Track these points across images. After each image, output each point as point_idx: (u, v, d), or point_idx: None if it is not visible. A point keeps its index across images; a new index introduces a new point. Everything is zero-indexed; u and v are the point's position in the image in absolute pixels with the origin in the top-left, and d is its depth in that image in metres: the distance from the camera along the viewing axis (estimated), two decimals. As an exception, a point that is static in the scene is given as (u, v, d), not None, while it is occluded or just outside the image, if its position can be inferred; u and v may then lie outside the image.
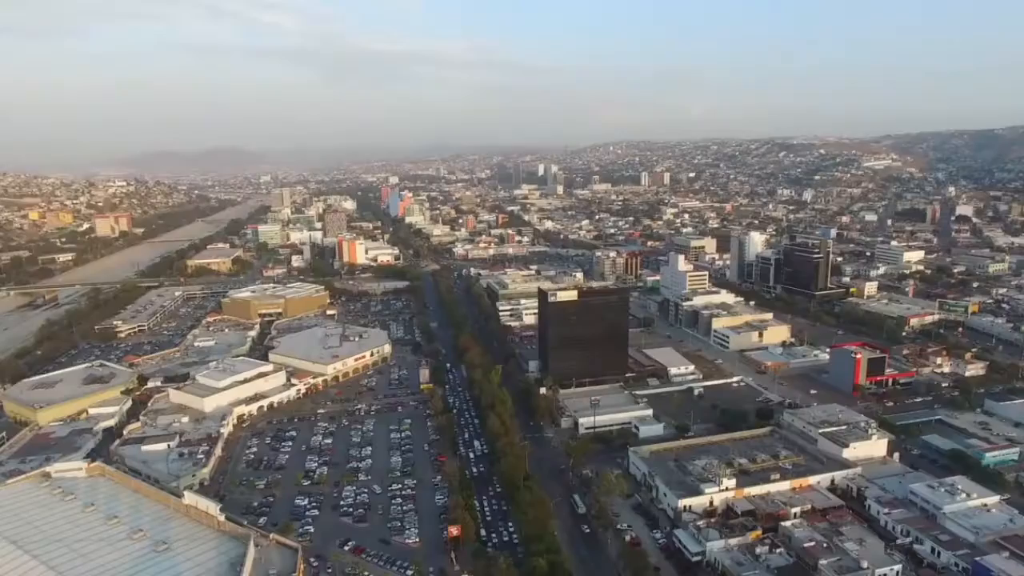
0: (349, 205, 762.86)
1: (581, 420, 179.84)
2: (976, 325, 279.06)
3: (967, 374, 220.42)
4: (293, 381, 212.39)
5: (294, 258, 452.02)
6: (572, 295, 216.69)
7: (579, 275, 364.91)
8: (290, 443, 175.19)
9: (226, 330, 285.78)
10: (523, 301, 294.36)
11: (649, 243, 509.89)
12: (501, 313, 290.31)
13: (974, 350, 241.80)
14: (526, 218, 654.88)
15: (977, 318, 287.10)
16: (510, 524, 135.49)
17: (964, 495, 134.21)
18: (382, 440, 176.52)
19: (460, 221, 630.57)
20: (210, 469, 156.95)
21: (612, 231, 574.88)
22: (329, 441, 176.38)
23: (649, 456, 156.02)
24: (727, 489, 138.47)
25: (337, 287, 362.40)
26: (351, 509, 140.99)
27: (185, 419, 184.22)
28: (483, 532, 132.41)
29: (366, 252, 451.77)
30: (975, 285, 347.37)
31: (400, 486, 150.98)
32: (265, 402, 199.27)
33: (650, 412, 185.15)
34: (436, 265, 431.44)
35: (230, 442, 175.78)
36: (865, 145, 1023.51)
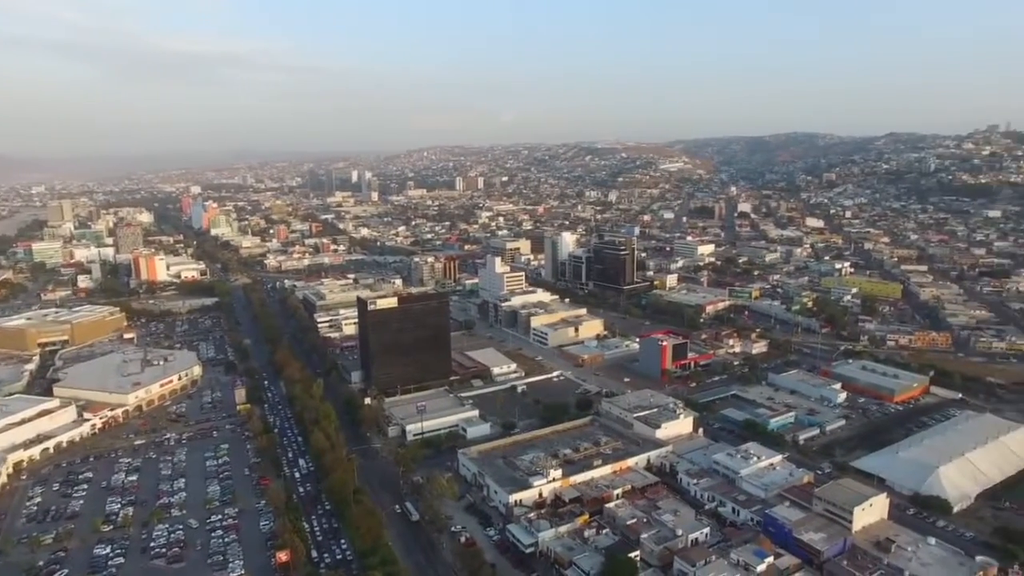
0: (145, 218, 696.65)
1: (409, 427, 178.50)
2: (758, 308, 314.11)
3: (754, 352, 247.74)
4: (86, 416, 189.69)
5: (80, 278, 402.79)
6: (392, 302, 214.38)
7: (398, 282, 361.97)
8: (85, 486, 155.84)
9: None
10: (342, 311, 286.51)
11: (466, 247, 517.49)
12: (320, 325, 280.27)
13: (758, 330, 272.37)
14: (341, 226, 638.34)
15: (759, 302, 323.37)
16: (342, 541, 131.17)
17: (756, 459, 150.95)
18: (197, 470, 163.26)
19: (271, 231, 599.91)
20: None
21: (429, 236, 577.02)
22: (134, 478, 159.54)
23: (478, 456, 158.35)
24: (554, 480, 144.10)
25: (135, 308, 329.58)
26: (164, 550, 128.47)
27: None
28: (314, 553, 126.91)
29: (168, 268, 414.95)
30: (756, 273, 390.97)
31: (220, 517, 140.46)
32: (51, 443, 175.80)
33: (476, 413, 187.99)
34: (247, 279, 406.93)
35: (4, 495, 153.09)
36: (661, 149, 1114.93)
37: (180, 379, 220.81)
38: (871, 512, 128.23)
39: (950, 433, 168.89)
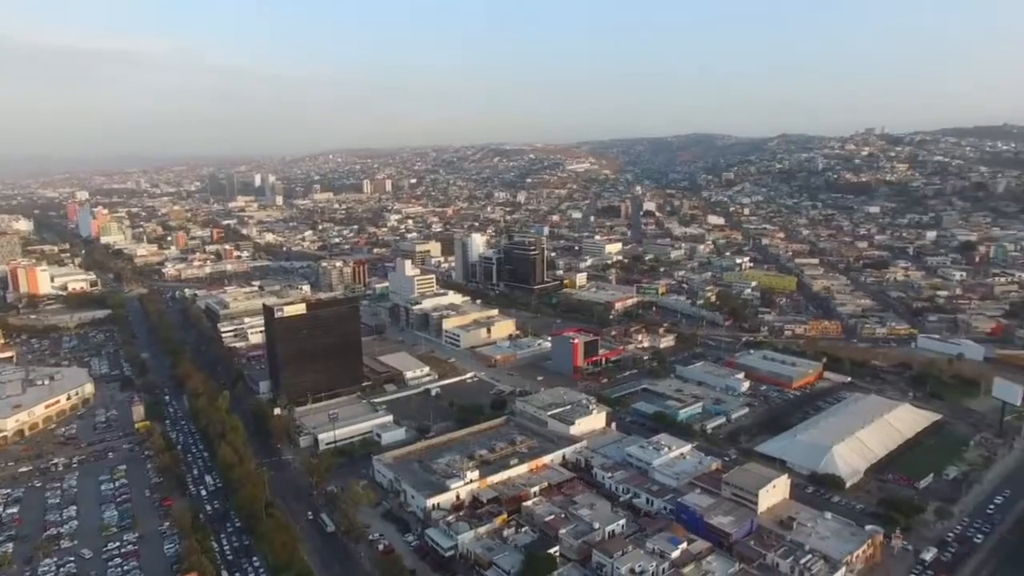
0: (24, 226, 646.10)
1: (321, 436, 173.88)
2: (665, 304, 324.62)
3: (662, 346, 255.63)
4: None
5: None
6: (300, 309, 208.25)
7: (306, 288, 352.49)
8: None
9: None
10: (247, 319, 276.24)
11: (375, 250, 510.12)
12: (224, 335, 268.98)
13: (665, 325, 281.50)
14: (244, 232, 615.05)
15: (665, 298, 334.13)
16: (255, 558, 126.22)
17: (667, 449, 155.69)
18: (90, 495, 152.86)
19: (169, 238, 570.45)
20: None
21: (337, 240, 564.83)
22: (14, 510, 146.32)
23: (393, 462, 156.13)
24: (471, 481, 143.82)
25: (14, 324, 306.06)
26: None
27: None
28: (224, 574, 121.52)
29: (52, 280, 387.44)
30: (662, 270, 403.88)
31: (118, 544, 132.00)
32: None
33: (390, 418, 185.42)
34: (143, 289, 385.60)
35: None
36: (568, 150, 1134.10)
37: (69, 399, 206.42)
38: (774, 493, 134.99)
39: (841, 414, 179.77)
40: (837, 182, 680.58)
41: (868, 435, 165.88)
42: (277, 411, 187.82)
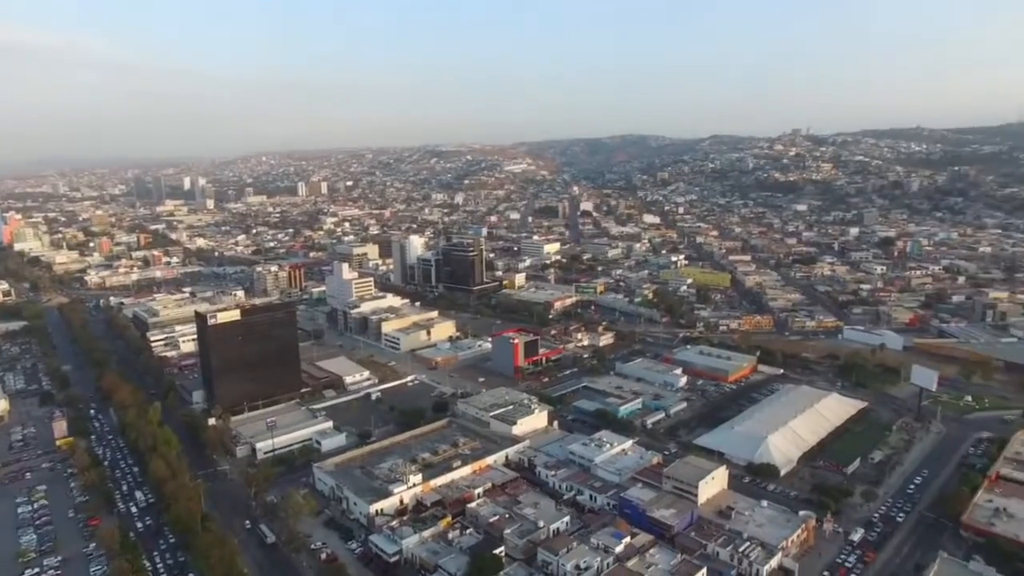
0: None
1: (259, 445, 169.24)
2: (603, 302, 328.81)
3: (601, 344, 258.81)
4: None
5: None
6: (234, 315, 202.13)
7: (240, 293, 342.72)
8: None
9: None
10: (179, 328, 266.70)
11: (312, 254, 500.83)
12: (154, 344, 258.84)
13: (604, 323, 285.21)
14: (174, 237, 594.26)
15: (604, 296, 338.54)
16: (191, 575, 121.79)
17: (608, 446, 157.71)
18: (5, 519, 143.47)
19: (92, 244, 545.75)
20: None
21: (272, 244, 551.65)
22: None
23: (335, 469, 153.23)
24: (414, 485, 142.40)
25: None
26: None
27: None
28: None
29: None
30: (600, 269, 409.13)
31: (37, 570, 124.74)
32: None
33: (330, 424, 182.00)
34: (64, 298, 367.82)
35: None
36: (505, 151, 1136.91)
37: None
38: (713, 485, 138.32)
39: (775, 405, 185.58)
40: (767, 181, 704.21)
41: (800, 424, 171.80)
42: (212, 421, 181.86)
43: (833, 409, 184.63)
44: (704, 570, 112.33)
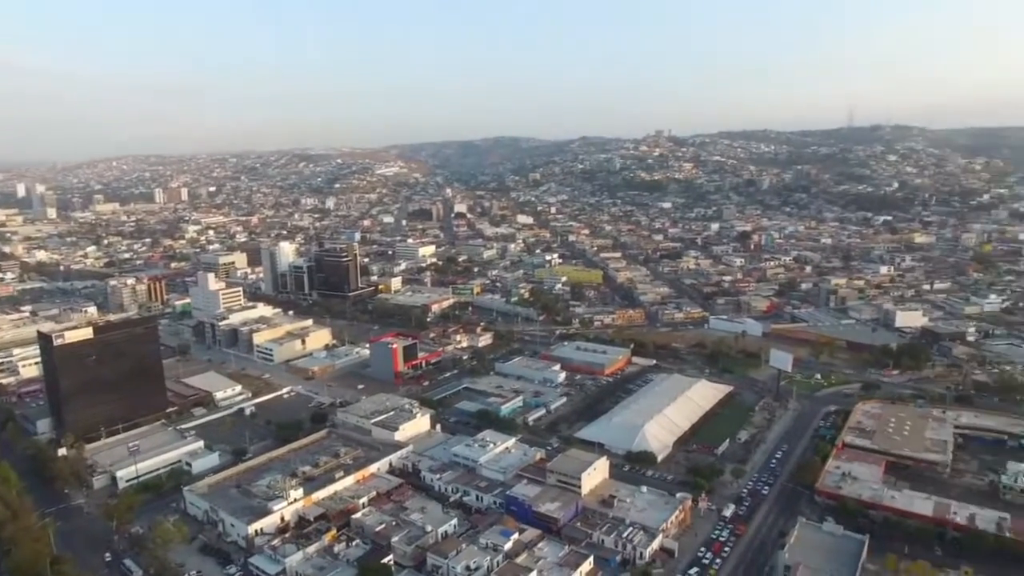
0: None
1: (119, 473, 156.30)
2: (481, 303, 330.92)
3: (480, 345, 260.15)
4: None
5: None
6: (85, 334, 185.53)
7: (91, 310, 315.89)
8: None
9: None
10: (17, 351, 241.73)
11: (173, 265, 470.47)
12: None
13: (482, 324, 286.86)
14: (8, 250, 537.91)
15: (481, 297, 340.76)
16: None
17: (492, 445, 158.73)
18: None
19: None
20: None
21: (127, 256, 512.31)
22: None
23: (208, 490, 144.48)
24: (296, 500, 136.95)
25: None
26: None
27: None
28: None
29: None
30: (476, 270, 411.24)
31: None
32: None
33: (201, 444, 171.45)
34: None
35: None
36: (376, 154, 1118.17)
37: None
38: (595, 475, 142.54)
39: (649, 395, 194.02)
40: (633, 181, 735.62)
41: (673, 411, 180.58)
42: (62, 452, 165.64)
43: (703, 395, 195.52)
44: (591, 558, 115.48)
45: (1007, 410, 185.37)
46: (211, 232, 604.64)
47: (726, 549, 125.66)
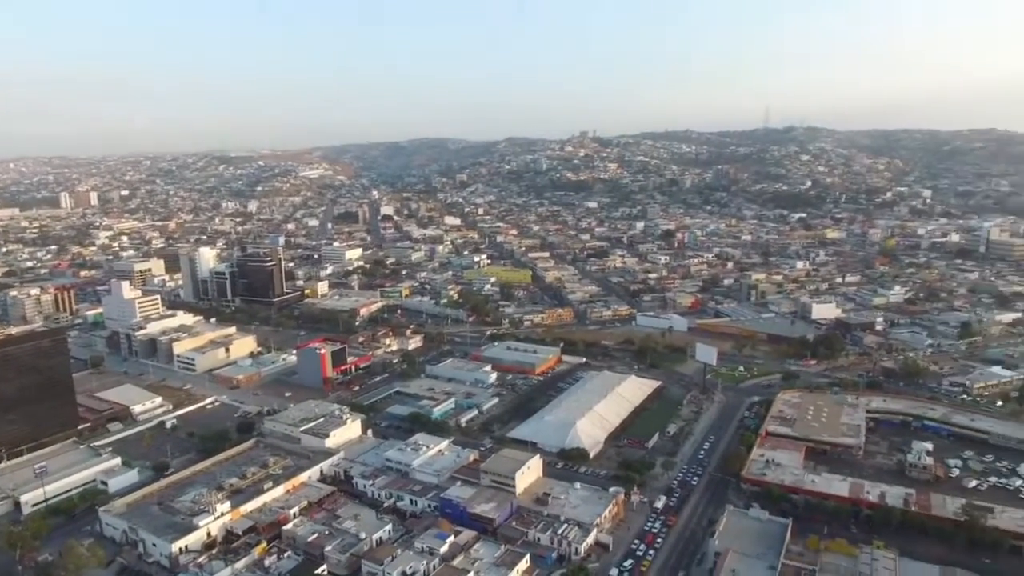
0: None
1: (24, 497, 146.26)
2: (410, 305, 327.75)
3: (410, 348, 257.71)
4: None
5: None
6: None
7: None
8: None
9: None
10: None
11: (83, 273, 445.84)
12: None
13: (412, 326, 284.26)
14: None
15: (409, 300, 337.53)
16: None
17: (425, 448, 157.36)
18: None
19: None
20: None
21: (30, 264, 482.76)
22: None
23: (127, 510, 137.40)
24: (223, 514, 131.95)
25: None
26: None
27: None
28: None
29: None
30: (404, 272, 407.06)
31: None
32: None
33: (118, 461, 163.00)
34: None
35: None
36: (299, 156, 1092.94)
37: None
38: (529, 474, 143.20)
39: (580, 392, 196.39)
40: (560, 181, 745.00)
41: (604, 408, 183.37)
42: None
43: (632, 390, 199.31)
44: (527, 557, 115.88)
45: (911, 393, 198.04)
46: (124, 238, 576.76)
47: (659, 540, 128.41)
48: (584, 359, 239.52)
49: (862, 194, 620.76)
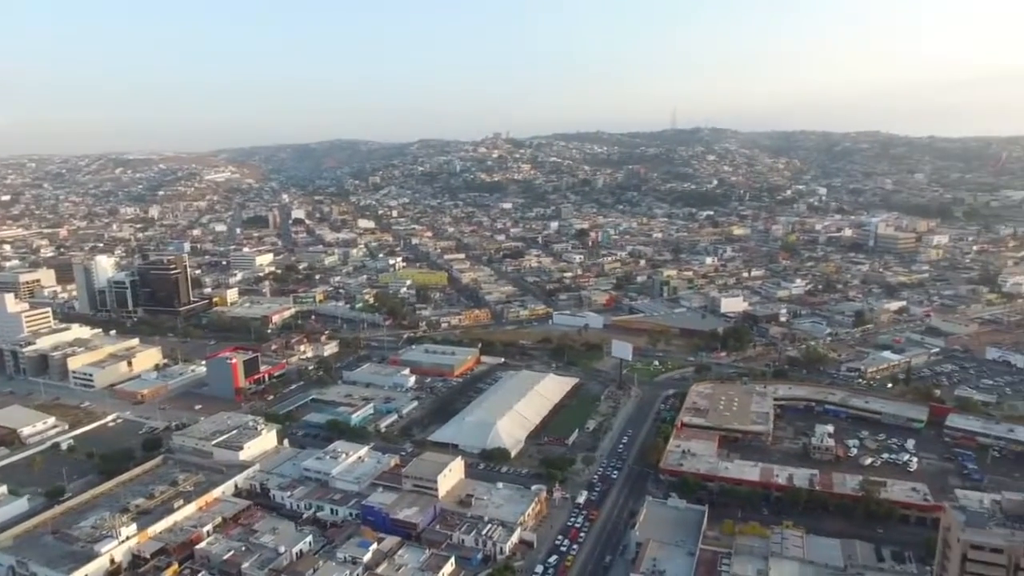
0: None
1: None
2: (324, 311, 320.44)
3: (326, 354, 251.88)
4: None
5: None
6: None
7: None
8: None
9: None
10: None
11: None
12: None
13: (327, 332, 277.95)
14: None
15: (324, 305, 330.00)
16: None
17: (344, 456, 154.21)
18: None
19: None
20: None
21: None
22: None
23: (15, 542, 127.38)
24: (128, 538, 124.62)
25: None
26: None
27: None
28: None
29: None
30: (317, 277, 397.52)
31: None
32: None
33: (4, 489, 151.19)
34: None
35: None
36: (204, 159, 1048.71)
37: None
38: (451, 476, 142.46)
39: (500, 392, 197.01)
40: (474, 182, 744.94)
41: (524, 407, 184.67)
42: None
43: (551, 389, 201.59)
44: (452, 559, 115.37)
45: (813, 380, 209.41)
46: (7, 247, 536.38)
47: (582, 535, 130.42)
48: (503, 359, 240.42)
49: (764, 192, 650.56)
